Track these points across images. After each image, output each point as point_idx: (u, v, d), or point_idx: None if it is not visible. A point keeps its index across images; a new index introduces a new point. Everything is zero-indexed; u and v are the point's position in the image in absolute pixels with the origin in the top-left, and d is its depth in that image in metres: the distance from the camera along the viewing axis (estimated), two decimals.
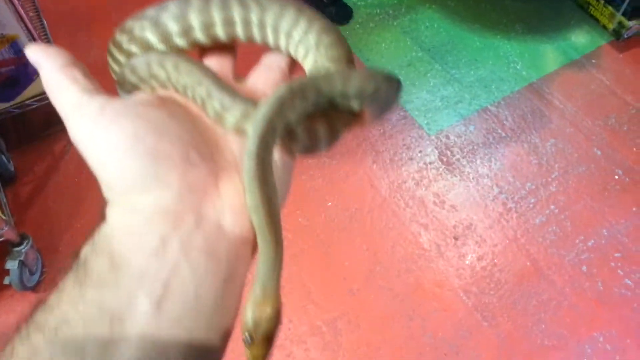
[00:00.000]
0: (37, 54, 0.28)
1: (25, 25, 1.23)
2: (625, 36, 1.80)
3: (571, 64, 1.75)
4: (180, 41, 0.33)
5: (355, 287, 1.28)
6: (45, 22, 1.57)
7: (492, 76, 1.72)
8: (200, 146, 0.27)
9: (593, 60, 1.76)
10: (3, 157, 1.38)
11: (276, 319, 0.27)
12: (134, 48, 0.33)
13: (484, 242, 1.37)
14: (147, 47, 0.33)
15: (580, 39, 1.83)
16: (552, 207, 1.43)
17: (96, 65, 1.58)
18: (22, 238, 1.20)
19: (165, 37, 0.33)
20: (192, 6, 0.32)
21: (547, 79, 1.71)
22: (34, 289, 1.26)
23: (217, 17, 0.32)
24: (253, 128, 0.27)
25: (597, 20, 1.86)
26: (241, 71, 0.34)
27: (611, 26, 1.81)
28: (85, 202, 1.41)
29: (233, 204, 0.26)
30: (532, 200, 1.44)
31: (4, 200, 1.23)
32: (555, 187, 1.46)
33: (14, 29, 1.25)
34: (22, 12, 1.19)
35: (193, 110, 0.30)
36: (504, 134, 1.58)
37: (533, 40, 1.82)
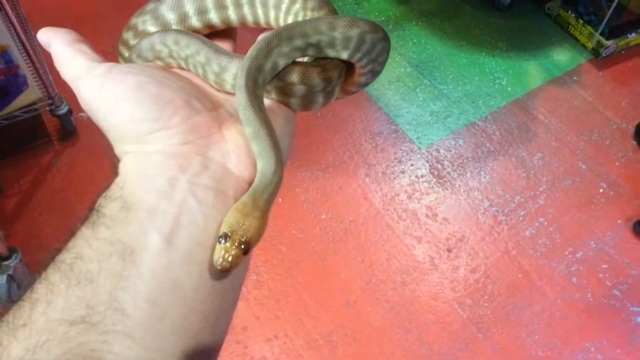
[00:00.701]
0: (48, 34, 0.31)
1: (18, 35, 1.21)
2: (604, 55, 1.86)
3: (554, 81, 1.81)
4: (178, 26, 0.35)
5: (352, 300, 1.28)
6: (32, 33, 1.54)
7: (479, 92, 1.76)
8: (201, 95, 0.30)
9: (575, 77, 1.82)
10: None
11: (257, 232, 0.25)
12: None
13: (476, 254, 1.39)
14: None
15: (562, 56, 1.89)
16: (542, 219, 1.46)
17: None
18: (11, 252, 1.16)
19: (165, 28, 0.35)
20: None
21: (531, 94, 1.76)
22: None
23: (210, 2, 0.35)
24: (241, 66, 0.29)
25: (576, 39, 1.92)
26: None
27: (590, 45, 1.88)
28: (73, 216, 1.37)
29: (237, 146, 0.28)
30: (522, 213, 1.47)
31: None
32: (544, 200, 1.50)
33: (5, 38, 1.22)
34: (15, 21, 1.17)
35: (196, 81, 0.32)
36: (492, 148, 1.61)
37: (517, 57, 1.87)
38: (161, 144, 0.27)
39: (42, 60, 1.42)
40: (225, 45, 0.36)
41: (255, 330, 1.22)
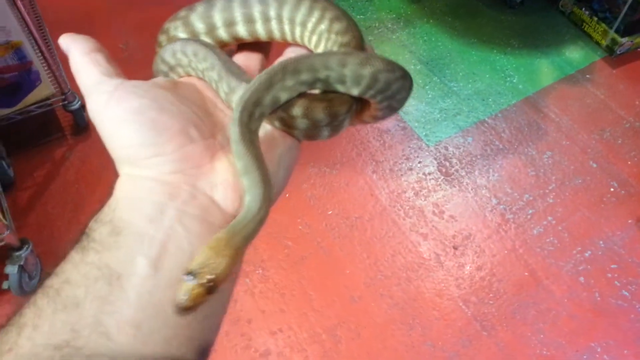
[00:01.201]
0: (67, 40, 0.32)
1: (30, 32, 1.24)
2: (618, 52, 1.84)
3: (566, 79, 1.79)
4: (205, 38, 0.35)
5: (356, 295, 1.29)
6: (47, 29, 1.57)
7: (489, 89, 1.75)
8: (201, 124, 0.30)
9: (587, 75, 1.80)
10: (3, 162, 1.38)
11: (225, 272, 0.24)
12: None
13: (482, 252, 1.38)
14: None
15: (575, 54, 1.87)
16: (550, 218, 1.44)
17: None
18: (22, 243, 1.19)
19: (194, 36, 0.35)
20: (215, 6, 0.35)
21: (543, 92, 1.75)
22: (33, 294, 1.24)
23: (238, 15, 0.35)
24: (239, 98, 0.29)
25: (590, 36, 1.90)
26: None
27: (604, 42, 1.85)
28: (84, 208, 1.40)
29: (225, 180, 0.28)
30: (530, 211, 1.46)
31: (5, 205, 1.22)
32: (553, 199, 1.48)
33: (19, 35, 1.25)
34: (28, 19, 1.19)
35: (207, 94, 0.33)
36: (501, 146, 1.60)
37: (528, 54, 1.85)
38: (154, 170, 0.27)
39: (55, 57, 1.45)
40: (253, 58, 0.36)
41: (259, 324, 1.23)
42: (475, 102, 1.71)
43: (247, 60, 0.36)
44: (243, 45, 0.37)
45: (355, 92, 0.31)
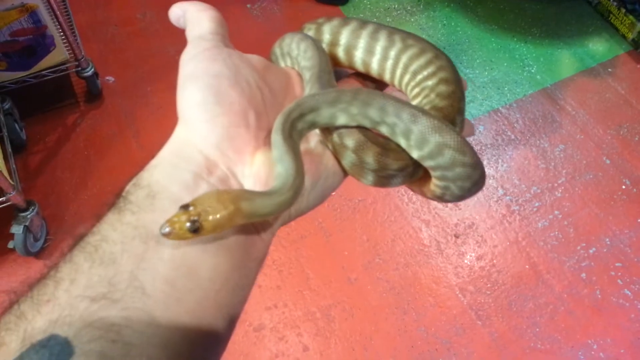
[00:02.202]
0: (182, 4, 0.33)
1: None
2: None
3: (587, 71, 1.74)
4: (326, 49, 0.36)
5: (353, 277, 1.29)
6: None
7: (505, 78, 1.71)
8: (263, 112, 0.30)
9: (609, 69, 1.75)
10: (16, 125, 1.41)
11: (216, 222, 0.24)
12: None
13: (484, 242, 1.37)
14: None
15: (598, 46, 1.81)
16: (556, 212, 1.42)
17: (113, 41, 1.62)
18: (29, 204, 1.22)
19: (318, 41, 0.36)
20: (348, 25, 0.36)
21: (561, 84, 1.70)
22: (37, 255, 1.28)
23: (362, 42, 0.35)
24: (301, 98, 0.30)
25: (616, 29, 1.84)
26: None
27: (630, 36, 1.79)
28: (93, 175, 1.43)
29: (257, 173, 0.28)
30: (537, 204, 1.44)
31: (13, 166, 1.25)
32: (561, 193, 1.46)
33: None
34: None
35: (295, 91, 0.34)
36: (513, 137, 1.57)
37: (550, 44, 1.81)
38: (201, 137, 0.28)
39: (71, 23, 1.47)
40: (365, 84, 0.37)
41: (256, 298, 1.25)
42: (490, 90, 1.68)
43: (353, 83, 0.37)
44: (358, 74, 0.38)
45: (415, 154, 0.29)
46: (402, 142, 0.30)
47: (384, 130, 0.30)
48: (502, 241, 1.37)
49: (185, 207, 0.24)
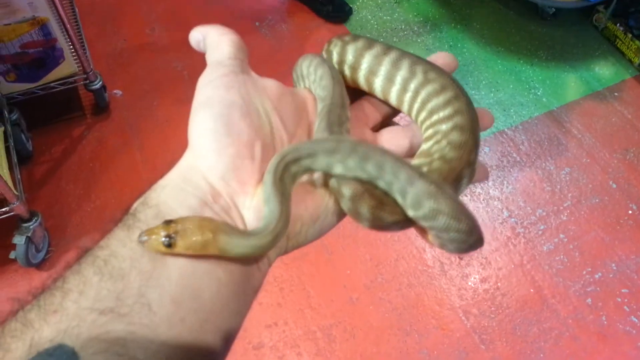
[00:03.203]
0: (201, 28, 0.34)
1: (57, 10, 1.26)
2: None
3: (593, 95, 1.74)
4: (347, 70, 0.36)
5: (355, 296, 1.28)
6: (76, 9, 1.61)
7: (511, 100, 1.71)
8: (270, 145, 0.31)
9: (616, 93, 1.75)
10: (23, 135, 1.41)
11: (189, 244, 0.25)
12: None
13: (488, 264, 1.36)
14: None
15: (605, 70, 1.81)
16: (562, 235, 1.41)
17: (122, 55, 1.64)
18: (32, 215, 1.22)
19: (341, 61, 0.36)
20: (372, 48, 0.35)
21: (567, 107, 1.70)
22: (38, 266, 1.27)
23: (383, 69, 0.35)
24: (299, 143, 0.30)
25: (623, 53, 1.84)
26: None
27: (637, 60, 1.80)
28: (97, 187, 1.43)
29: (257, 206, 0.29)
30: (542, 227, 1.42)
31: (18, 177, 1.25)
32: (567, 216, 1.45)
33: (45, 12, 1.28)
34: None
35: (309, 117, 0.34)
36: (518, 158, 1.57)
37: (556, 67, 1.81)
38: (207, 165, 0.28)
39: (81, 36, 1.48)
40: (372, 111, 0.37)
41: (256, 315, 1.24)
42: (495, 112, 1.68)
43: (368, 107, 0.37)
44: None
45: (410, 213, 0.29)
46: (399, 199, 0.30)
47: (381, 185, 0.30)
48: (506, 264, 1.35)
49: (168, 222, 0.25)
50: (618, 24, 1.84)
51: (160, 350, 0.24)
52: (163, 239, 0.25)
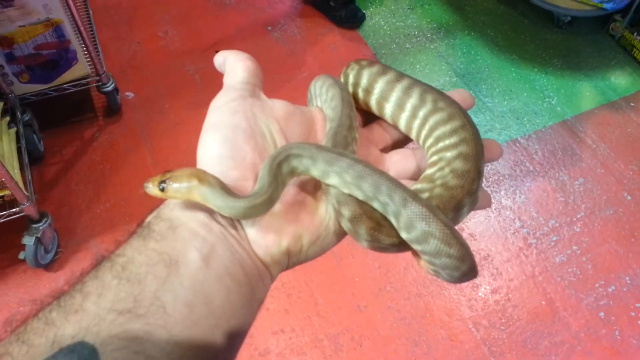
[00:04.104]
0: (225, 53, 0.36)
1: (71, 12, 1.27)
2: None
3: (608, 105, 1.72)
4: (360, 93, 0.37)
5: (363, 304, 1.26)
6: (91, 12, 1.62)
7: (525, 108, 1.69)
8: None
9: (632, 103, 1.72)
10: (34, 136, 1.42)
11: (172, 190, 0.28)
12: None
13: (500, 275, 1.34)
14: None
15: (621, 80, 1.79)
16: (575, 247, 1.38)
17: (135, 58, 1.64)
18: (41, 216, 1.22)
19: (356, 84, 0.37)
20: (385, 75, 0.36)
21: (582, 117, 1.68)
22: (47, 267, 1.27)
23: (394, 96, 0.36)
24: (302, 143, 0.31)
25: (639, 63, 1.82)
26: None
27: None
28: (106, 189, 1.43)
29: (260, 221, 0.31)
30: (554, 238, 1.40)
31: (29, 177, 1.25)
32: (580, 228, 1.42)
33: (60, 14, 1.29)
34: None
35: (316, 132, 0.36)
36: (531, 168, 1.55)
37: (571, 76, 1.79)
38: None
39: (94, 38, 1.49)
40: (381, 134, 0.38)
41: (262, 322, 1.23)
42: (509, 120, 1.66)
43: (379, 130, 0.39)
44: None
45: (403, 235, 0.30)
46: (393, 221, 0.30)
47: (376, 205, 0.31)
48: (518, 275, 1.33)
49: (167, 172, 0.29)
50: (635, 33, 1.81)
51: (174, 351, 0.25)
52: (159, 185, 0.28)
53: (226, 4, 1.94)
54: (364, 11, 1.91)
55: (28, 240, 1.19)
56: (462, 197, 0.31)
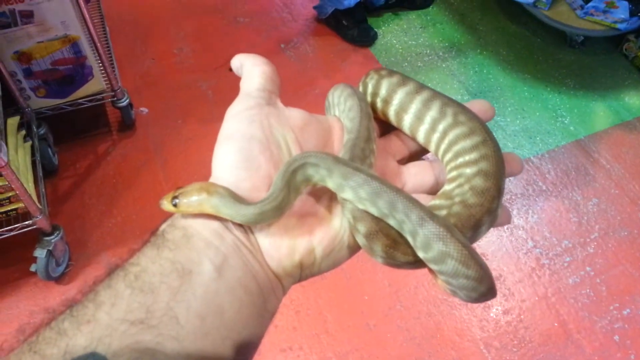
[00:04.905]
0: (241, 57, 0.36)
1: (88, 29, 1.29)
2: None
3: (622, 125, 1.70)
4: (379, 103, 0.37)
5: (372, 323, 1.25)
6: (107, 29, 1.65)
7: (538, 128, 1.69)
8: None
9: None
10: (49, 150, 1.44)
11: (185, 205, 0.29)
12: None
13: (512, 295, 1.32)
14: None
15: (635, 100, 1.78)
16: (588, 268, 1.36)
17: (149, 74, 1.66)
18: (54, 229, 1.23)
19: (375, 94, 0.37)
20: (405, 86, 0.36)
21: (595, 137, 1.67)
22: (58, 280, 1.28)
23: (414, 107, 0.35)
24: (322, 154, 0.31)
25: None
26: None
27: None
28: (119, 204, 1.44)
29: (273, 235, 0.31)
30: (568, 259, 1.38)
31: (43, 190, 1.27)
32: (594, 249, 1.40)
33: (77, 30, 1.31)
34: (87, 15, 1.25)
35: (333, 142, 0.35)
36: (544, 188, 1.53)
37: (584, 96, 1.78)
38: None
39: (110, 54, 1.52)
40: (398, 146, 0.38)
41: (271, 338, 1.22)
42: (521, 139, 1.65)
43: (396, 142, 0.38)
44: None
45: (420, 255, 0.29)
46: (410, 240, 0.30)
47: (392, 223, 0.30)
48: (530, 296, 1.31)
49: (180, 188, 0.30)
50: None
51: None
52: (172, 201, 0.29)
53: (240, 21, 1.97)
54: (376, 30, 1.93)
55: (40, 253, 1.20)
56: (481, 216, 0.30)
